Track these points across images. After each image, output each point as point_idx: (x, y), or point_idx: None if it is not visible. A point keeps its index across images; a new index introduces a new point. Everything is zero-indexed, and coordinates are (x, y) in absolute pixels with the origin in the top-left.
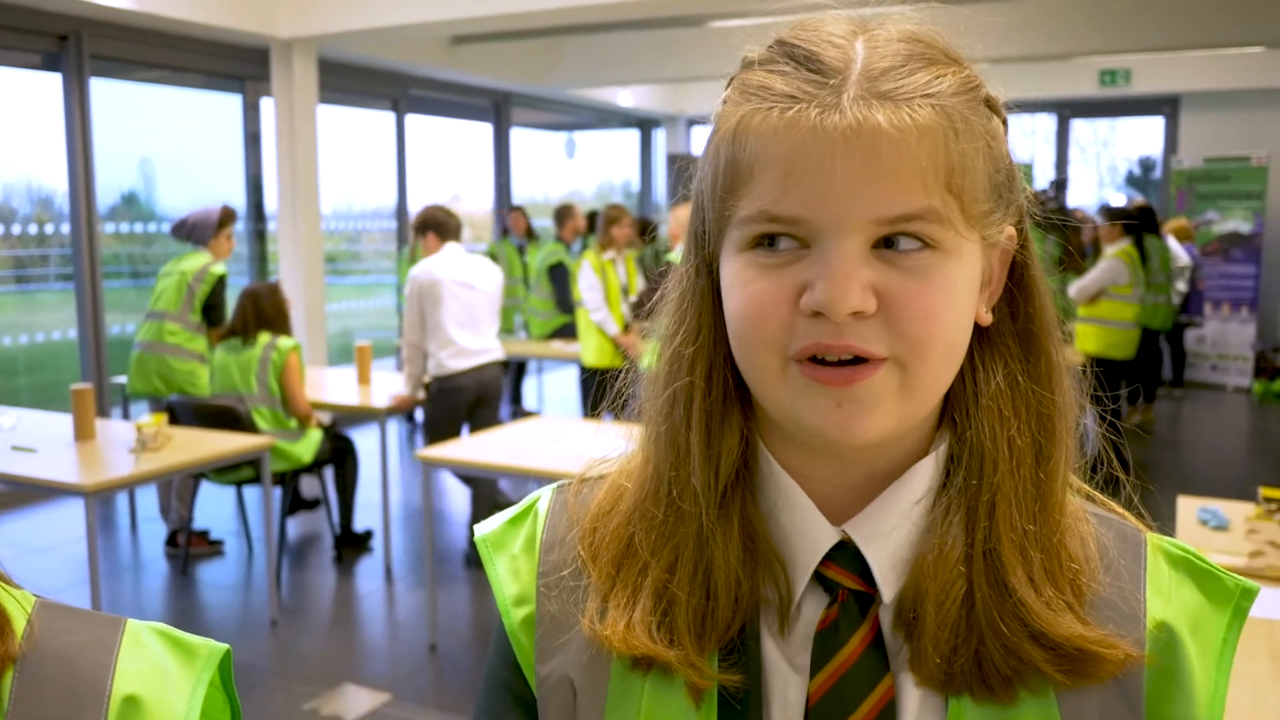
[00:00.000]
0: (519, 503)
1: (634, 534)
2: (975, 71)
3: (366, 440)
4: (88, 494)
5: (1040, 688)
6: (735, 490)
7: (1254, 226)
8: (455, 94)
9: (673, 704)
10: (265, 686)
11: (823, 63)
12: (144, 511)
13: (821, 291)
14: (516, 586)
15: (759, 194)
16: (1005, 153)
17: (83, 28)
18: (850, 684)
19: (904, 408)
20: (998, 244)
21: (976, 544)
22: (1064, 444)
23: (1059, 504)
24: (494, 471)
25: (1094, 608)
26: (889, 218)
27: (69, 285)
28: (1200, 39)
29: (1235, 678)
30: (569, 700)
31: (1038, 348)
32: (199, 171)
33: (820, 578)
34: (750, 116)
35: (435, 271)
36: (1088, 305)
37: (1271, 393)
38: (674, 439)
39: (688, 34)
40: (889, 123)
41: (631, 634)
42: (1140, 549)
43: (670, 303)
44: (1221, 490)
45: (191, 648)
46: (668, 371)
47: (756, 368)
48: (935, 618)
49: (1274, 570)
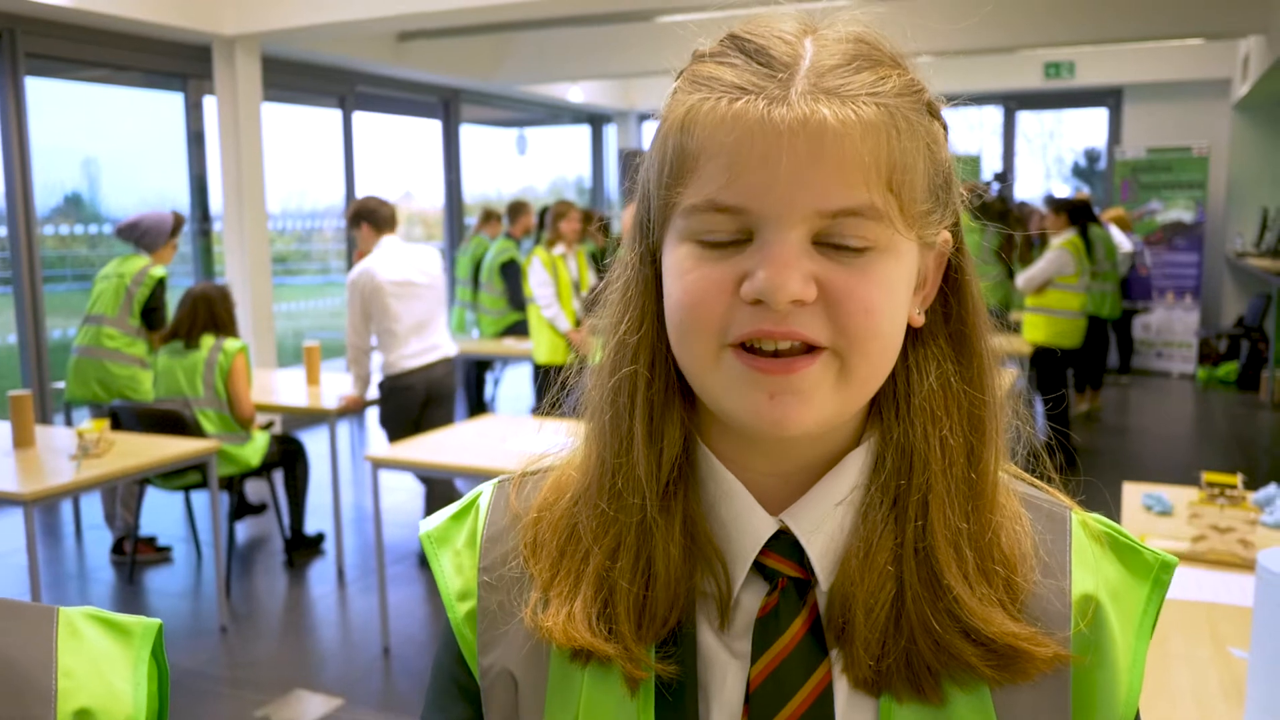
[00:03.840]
0: (462, 498)
1: (578, 522)
2: (918, 76)
3: (317, 442)
4: (27, 502)
5: (972, 683)
6: (677, 487)
7: (1196, 215)
8: (403, 91)
9: (611, 694)
10: (215, 695)
11: (772, 56)
12: (88, 519)
13: (763, 279)
14: (460, 581)
15: (704, 182)
16: (945, 157)
17: (17, 25)
18: (789, 669)
19: (838, 400)
20: (933, 246)
21: (907, 542)
22: (995, 443)
23: (990, 502)
24: (444, 471)
25: (1026, 606)
26: (831, 210)
27: (8, 290)
28: (1142, 31)
29: (1178, 661)
30: (511, 692)
31: (970, 349)
32: (142, 171)
33: (759, 567)
34: (699, 106)
35: (376, 275)
36: (1035, 295)
37: (1215, 379)
38: (618, 427)
39: (636, 29)
40: (834, 117)
41: (572, 625)
42: (1065, 525)
43: (615, 291)
44: (1166, 476)
45: (126, 627)
46: (613, 360)
47: (693, 356)
48: (865, 622)
49: (1216, 554)
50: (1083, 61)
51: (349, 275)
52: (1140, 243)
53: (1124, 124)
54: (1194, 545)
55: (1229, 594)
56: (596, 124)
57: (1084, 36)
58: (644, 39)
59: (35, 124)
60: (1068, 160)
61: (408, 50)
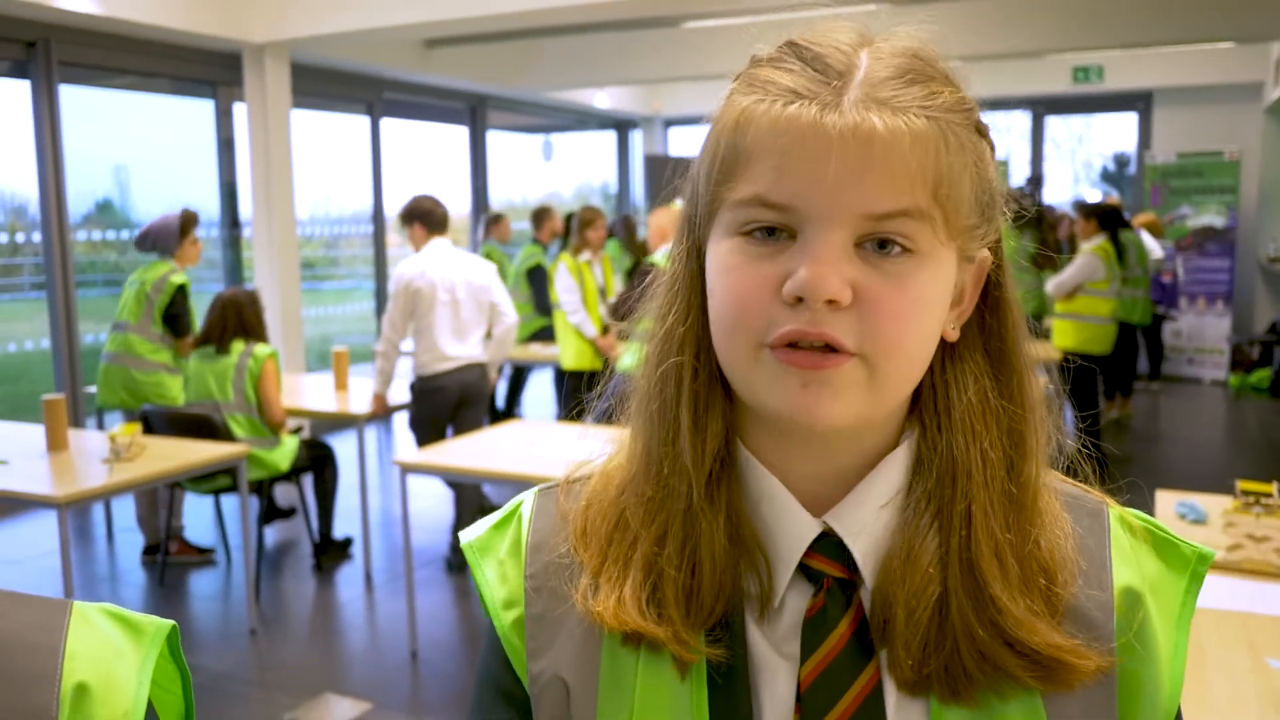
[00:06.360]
0: (502, 508)
1: (625, 509)
2: (969, 95)
3: (345, 446)
4: (60, 505)
5: (1013, 693)
6: (720, 479)
7: (1227, 220)
8: (430, 97)
9: (664, 681)
10: (245, 698)
11: (828, 64)
12: (120, 522)
13: (803, 276)
14: (505, 590)
15: (754, 179)
16: (991, 176)
17: (51, 34)
18: (838, 670)
19: (869, 399)
20: (973, 260)
21: (952, 550)
22: (1035, 456)
23: (1032, 514)
24: (473, 476)
25: (1068, 617)
26: (876, 214)
27: (43, 294)
28: (1172, 35)
29: (1215, 671)
30: (562, 697)
31: (1009, 365)
32: (173, 178)
33: (804, 568)
34: (754, 108)
35: (425, 274)
36: (1065, 301)
37: (1248, 385)
38: (664, 416)
39: (663, 35)
40: (885, 126)
41: (622, 609)
42: (1104, 521)
43: (662, 285)
44: (1199, 484)
45: (139, 625)
46: (660, 350)
47: (734, 351)
48: (906, 622)
49: (1252, 563)
50: (1112, 65)
51: (396, 269)
52: (1170, 249)
53: (1154, 128)
54: (1229, 554)
55: (1265, 604)
56: (622, 130)
57: (1113, 40)
58: (670, 45)
59: (68, 131)
60: (1096, 165)
61: (435, 57)
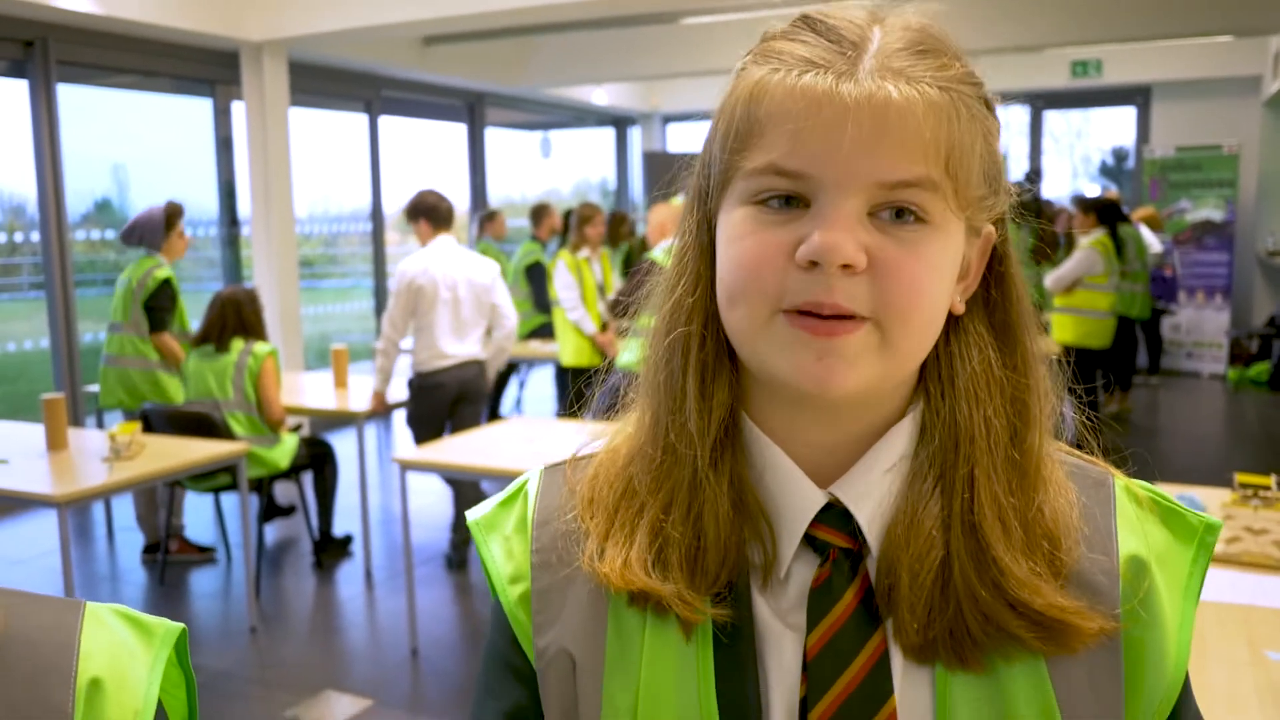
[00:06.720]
0: (509, 485)
1: (633, 477)
2: (976, 71)
3: (345, 444)
4: (60, 504)
5: (1018, 655)
6: (725, 448)
7: (1226, 214)
8: (428, 95)
9: (670, 642)
10: (245, 695)
11: (843, 35)
12: (120, 521)
13: (818, 240)
14: (511, 565)
15: (768, 148)
16: (997, 150)
17: (49, 33)
18: (845, 639)
19: (881, 367)
20: (979, 234)
21: (955, 514)
22: (1039, 424)
23: (1035, 480)
24: (472, 473)
25: (1072, 582)
26: (890, 182)
27: (42, 294)
28: (1170, 29)
29: (1213, 663)
30: (568, 671)
31: (1013, 338)
32: (171, 177)
33: (809, 539)
34: (768, 78)
35: (432, 271)
36: (1064, 295)
37: (1246, 379)
38: (671, 385)
39: (661, 31)
40: (900, 95)
41: (629, 570)
42: (1110, 491)
43: (673, 256)
44: (1198, 477)
45: (149, 627)
46: (668, 320)
47: (744, 318)
48: (910, 587)
49: (1251, 556)
50: (1110, 59)
51: (399, 266)
52: (1169, 243)
53: (1152, 122)
54: (1228, 547)
55: (1264, 596)
56: (621, 126)
57: (1111, 34)
58: (668, 41)
59: (66, 130)
60: (1095, 159)
61: (433, 54)
